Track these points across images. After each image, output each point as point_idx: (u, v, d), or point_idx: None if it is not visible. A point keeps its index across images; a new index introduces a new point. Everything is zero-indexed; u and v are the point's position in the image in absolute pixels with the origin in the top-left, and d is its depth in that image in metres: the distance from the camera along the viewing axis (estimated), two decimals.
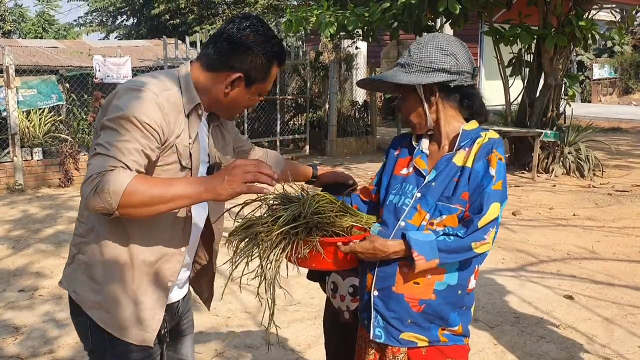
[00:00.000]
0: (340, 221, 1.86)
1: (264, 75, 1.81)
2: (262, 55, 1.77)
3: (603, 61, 23.01)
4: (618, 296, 4.29)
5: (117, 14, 16.23)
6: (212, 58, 1.79)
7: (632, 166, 9.42)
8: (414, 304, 1.83)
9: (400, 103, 1.96)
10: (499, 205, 1.78)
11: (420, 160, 1.93)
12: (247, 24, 1.78)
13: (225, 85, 1.78)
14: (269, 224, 1.81)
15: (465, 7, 8.06)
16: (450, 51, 1.86)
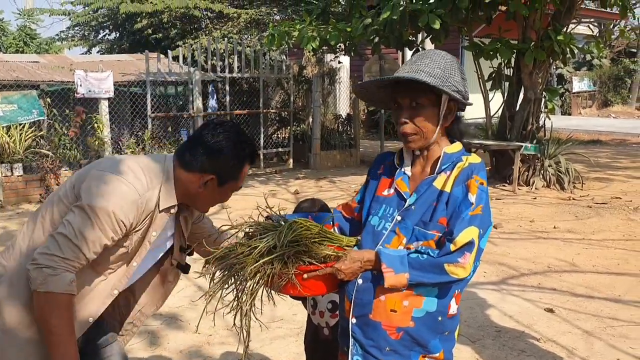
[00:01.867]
0: (317, 248, 1.83)
1: (235, 175, 1.99)
2: (234, 159, 1.95)
3: (582, 74, 23.38)
4: (598, 309, 4.34)
5: (100, 29, 16.16)
6: (188, 160, 1.96)
7: (612, 178, 9.56)
8: (392, 331, 1.80)
9: (413, 111, 1.82)
10: (477, 229, 1.73)
11: (402, 182, 1.90)
12: (220, 130, 1.96)
13: (199, 185, 1.95)
14: (244, 255, 1.80)
15: (446, 23, 8.16)
16: (465, 77, 1.85)
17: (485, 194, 1.78)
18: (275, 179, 10.17)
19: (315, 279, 1.80)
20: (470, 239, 1.71)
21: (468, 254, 1.70)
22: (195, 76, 9.75)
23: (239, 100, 11.00)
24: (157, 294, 2.21)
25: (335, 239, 1.92)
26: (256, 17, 13.59)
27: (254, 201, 7.44)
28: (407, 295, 1.78)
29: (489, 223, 1.78)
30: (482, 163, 1.84)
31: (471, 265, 1.72)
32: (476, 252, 1.73)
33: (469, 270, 1.72)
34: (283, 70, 11.40)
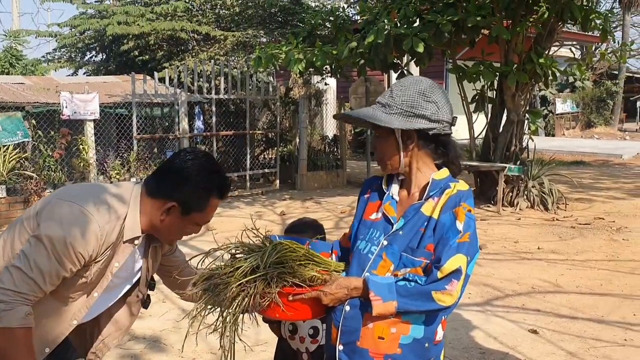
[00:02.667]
0: (302, 270, 1.82)
1: (201, 207, 1.90)
2: (200, 188, 1.88)
3: (565, 96, 23.74)
4: (581, 329, 4.36)
5: (86, 50, 16.18)
6: (152, 185, 1.90)
7: (594, 199, 9.67)
8: (379, 358, 1.80)
9: (375, 141, 1.95)
10: (464, 257, 1.74)
11: (390, 207, 1.91)
12: (190, 157, 1.91)
13: (161, 213, 1.88)
14: (227, 275, 1.80)
15: (430, 46, 8.28)
16: (432, 98, 1.85)
17: (472, 221, 1.80)
18: (262, 200, 10.17)
19: (301, 301, 1.80)
20: (458, 267, 1.72)
21: (455, 281, 1.72)
22: (182, 97, 9.78)
23: (226, 121, 11.02)
24: (121, 325, 2.15)
25: (323, 262, 1.92)
26: (243, 39, 13.69)
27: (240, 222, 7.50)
28: (394, 322, 1.78)
29: (476, 250, 1.80)
30: (469, 190, 1.87)
31: (458, 292, 1.73)
32: (464, 279, 1.74)
33: (455, 297, 1.73)
34: (270, 91, 11.47)
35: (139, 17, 13.97)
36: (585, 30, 8.99)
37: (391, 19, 8.47)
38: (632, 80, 29.12)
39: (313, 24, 10.01)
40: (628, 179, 11.97)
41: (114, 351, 3.97)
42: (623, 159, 15.68)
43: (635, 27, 32.57)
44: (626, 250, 6.56)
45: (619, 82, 24.76)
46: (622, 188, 10.79)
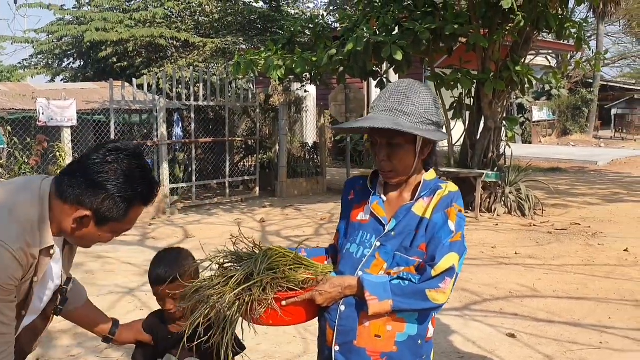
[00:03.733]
0: (294, 274, 1.83)
1: (119, 217, 1.65)
2: (118, 197, 1.61)
3: (542, 104, 24.10)
4: (558, 333, 4.41)
5: (64, 57, 15.99)
6: (64, 188, 1.62)
7: (570, 205, 9.80)
8: (376, 357, 1.81)
9: (389, 150, 1.85)
10: (457, 256, 1.78)
11: (378, 207, 1.91)
12: (111, 159, 1.62)
13: (72, 221, 1.63)
14: (220, 285, 1.80)
15: (408, 54, 8.35)
16: (439, 104, 1.90)
17: (463, 221, 1.84)
18: (241, 207, 10.13)
19: (295, 304, 1.80)
20: (451, 265, 1.76)
21: (448, 279, 1.75)
22: (160, 104, 9.72)
23: (205, 128, 10.98)
24: (38, 331, 1.95)
25: (310, 265, 1.92)
26: (222, 46, 13.67)
27: (219, 230, 7.50)
28: (390, 320, 1.80)
29: (465, 249, 1.83)
30: (459, 192, 1.90)
31: (450, 290, 1.76)
32: (455, 277, 1.78)
33: (448, 294, 1.76)
34: (249, 98, 11.46)
35: (117, 23, 13.87)
36: (560, 38, 9.15)
37: (370, 27, 8.53)
38: (606, 88, 29.68)
39: (292, 31, 10.04)
40: (603, 185, 12.16)
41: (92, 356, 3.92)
42: (598, 166, 15.94)
43: (609, 37, 33.27)
44: (601, 255, 6.66)
45: (594, 90, 25.22)
46: (597, 194, 10.97)
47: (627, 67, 37.34)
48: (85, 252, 6.92)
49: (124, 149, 1.66)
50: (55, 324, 4.51)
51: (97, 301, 5.08)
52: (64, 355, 4.03)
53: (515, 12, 8.26)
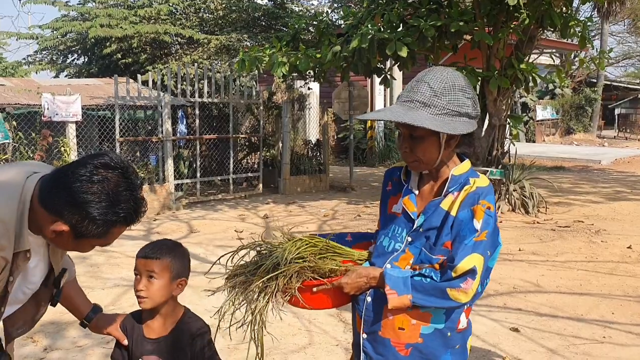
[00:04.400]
0: (321, 264, 1.89)
1: (100, 235, 1.60)
2: (99, 220, 1.55)
3: (545, 103, 24.09)
4: (561, 328, 4.43)
5: (68, 53, 16.05)
6: (46, 196, 1.56)
7: (574, 203, 9.81)
8: (401, 348, 1.83)
9: (411, 142, 1.82)
10: (480, 257, 1.72)
11: (409, 201, 1.89)
12: (97, 179, 1.54)
13: (50, 230, 1.57)
14: (250, 273, 1.90)
15: (413, 51, 8.36)
16: (470, 94, 1.81)
17: (492, 218, 1.77)
18: (245, 204, 10.16)
19: (324, 292, 1.88)
20: (472, 267, 1.71)
21: (470, 280, 1.71)
22: (165, 100, 9.75)
23: (209, 125, 11.01)
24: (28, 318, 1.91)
25: (346, 253, 1.98)
26: (226, 43, 13.70)
27: (224, 225, 7.52)
28: (414, 314, 1.81)
29: (496, 245, 1.80)
30: (489, 186, 1.83)
31: (474, 290, 1.73)
32: (480, 276, 1.73)
33: (470, 295, 1.73)
34: (253, 95, 11.48)
35: (122, 19, 13.91)
36: (564, 37, 9.15)
37: (375, 23, 8.54)
38: (610, 88, 29.64)
39: (297, 28, 10.05)
40: (606, 184, 12.16)
41: None
42: (602, 165, 15.93)
43: (614, 36, 33.22)
44: (605, 251, 6.67)
45: (598, 89, 25.18)
46: (601, 192, 10.97)
47: (631, 66, 37.30)
48: None
49: (113, 167, 1.58)
50: (63, 315, 4.55)
51: (102, 294, 5.14)
52: (71, 345, 4.06)
53: (519, 9, 8.27)
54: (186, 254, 2.07)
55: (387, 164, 16.25)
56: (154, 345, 1.99)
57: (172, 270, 1.96)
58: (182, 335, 1.98)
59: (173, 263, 1.97)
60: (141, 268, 1.95)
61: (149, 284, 1.93)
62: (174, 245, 2.04)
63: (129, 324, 2.07)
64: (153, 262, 1.94)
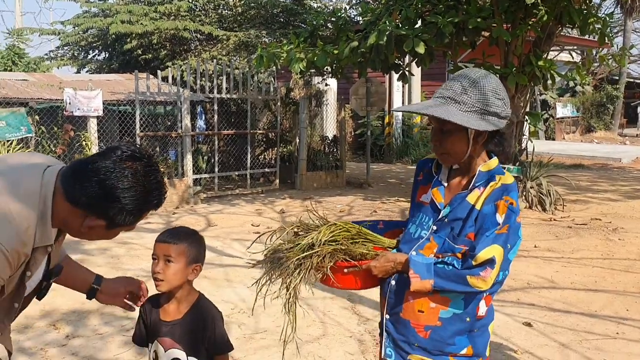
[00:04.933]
0: (353, 247, 2.04)
1: (131, 222, 1.67)
2: (134, 209, 1.61)
3: (566, 100, 23.85)
4: (574, 323, 4.45)
5: (89, 49, 16.28)
6: (76, 193, 1.58)
7: (591, 201, 9.75)
8: (420, 329, 1.95)
9: (441, 136, 1.94)
10: (500, 248, 1.83)
11: (438, 193, 2.01)
12: (128, 172, 1.58)
13: (81, 224, 1.62)
14: (288, 250, 2.05)
15: (431, 47, 8.38)
16: (501, 95, 1.91)
17: (514, 214, 1.88)
18: (261, 199, 10.26)
19: (354, 274, 2.03)
20: (491, 257, 1.82)
21: (489, 269, 1.83)
22: (184, 96, 9.87)
23: (227, 120, 11.13)
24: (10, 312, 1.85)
25: (376, 240, 2.12)
26: (245, 39, 13.79)
27: (241, 219, 7.62)
28: (433, 298, 1.92)
29: (516, 239, 1.91)
30: (514, 184, 1.94)
31: (492, 279, 1.84)
32: (499, 267, 1.85)
33: (489, 283, 1.85)
34: (271, 92, 11.57)
35: (142, 16, 14.08)
36: (583, 33, 9.08)
37: (392, 20, 8.56)
38: (632, 85, 29.25)
39: (315, 25, 10.11)
40: (625, 182, 12.05)
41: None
42: (622, 163, 15.77)
43: (637, 33, 32.70)
44: (621, 249, 6.65)
45: (620, 87, 24.86)
46: (619, 190, 10.88)
47: None
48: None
49: (139, 157, 1.62)
50: (84, 304, 4.67)
51: None
52: (92, 333, 4.17)
53: (538, 6, 8.24)
54: (202, 241, 2.14)
55: (404, 161, 16.26)
56: (168, 328, 2.06)
57: (188, 255, 2.03)
58: (196, 319, 2.06)
59: (189, 249, 2.04)
60: (159, 252, 2.03)
61: (166, 268, 2.01)
62: (191, 232, 2.12)
63: (147, 307, 2.15)
64: (170, 247, 2.02)
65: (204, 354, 2.07)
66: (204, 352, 2.07)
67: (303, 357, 3.76)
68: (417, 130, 17.10)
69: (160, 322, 2.09)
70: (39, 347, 3.84)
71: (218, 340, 2.07)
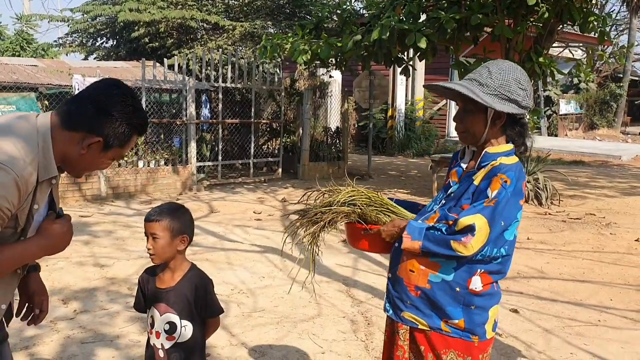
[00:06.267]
0: (371, 212, 2.28)
1: (123, 143, 1.83)
2: (126, 125, 1.80)
3: (569, 97, 23.92)
4: (559, 310, 4.64)
5: (97, 36, 16.45)
6: (73, 118, 1.76)
7: (588, 196, 9.92)
8: (411, 288, 2.15)
9: (463, 115, 2.13)
10: (483, 218, 1.97)
11: (455, 173, 2.23)
12: (116, 92, 1.80)
13: (82, 147, 1.77)
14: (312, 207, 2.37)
15: (433, 42, 8.52)
16: (525, 86, 2.07)
17: (505, 190, 2.01)
18: (264, 187, 10.46)
19: (365, 236, 2.27)
20: (471, 224, 1.97)
21: (470, 236, 1.97)
22: (189, 84, 10.06)
23: (232, 110, 11.31)
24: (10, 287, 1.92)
25: (400, 212, 2.34)
26: (251, 29, 13.94)
27: (243, 207, 7.88)
28: (423, 261, 2.12)
29: (512, 218, 2.03)
30: (514, 164, 2.07)
31: (474, 247, 1.98)
32: (483, 236, 1.98)
33: (470, 250, 1.99)
34: (275, 82, 11.74)
35: (150, 4, 14.23)
36: (583, 31, 9.20)
37: (396, 14, 8.71)
38: (637, 83, 29.26)
39: (320, 17, 10.26)
40: (623, 179, 12.21)
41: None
42: (622, 160, 15.90)
43: None
44: (612, 243, 6.83)
45: (624, 85, 24.90)
46: (616, 187, 11.04)
47: None
48: (115, 221, 7.31)
49: (123, 85, 1.84)
50: (91, 281, 4.89)
51: (127, 264, 5.49)
52: (99, 309, 4.38)
53: (539, 4, 8.37)
54: (186, 213, 2.33)
55: (406, 154, 16.41)
56: (162, 294, 2.29)
57: (172, 229, 2.24)
58: (188, 285, 2.27)
59: (172, 223, 2.25)
60: (147, 230, 2.26)
61: (155, 243, 2.23)
62: (174, 207, 2.32)
63: (145, 277, 2.38)
64: (154, 225, 2.24)
65: (196, 317, 2.28)
66: (196, 315, 2.28)
67: (297, 334, 3.97)
68: (420, 124, 17.26)
69: (156, 290, 2.31)
70: (49, 320, 4.06)
71: (209, 304, 2.29)
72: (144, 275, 2.38)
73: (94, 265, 5.50)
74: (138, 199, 8.97)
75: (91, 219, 7.38)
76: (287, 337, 3.92)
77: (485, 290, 2.11)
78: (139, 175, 9.31)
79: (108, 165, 1.90)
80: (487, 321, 2.14)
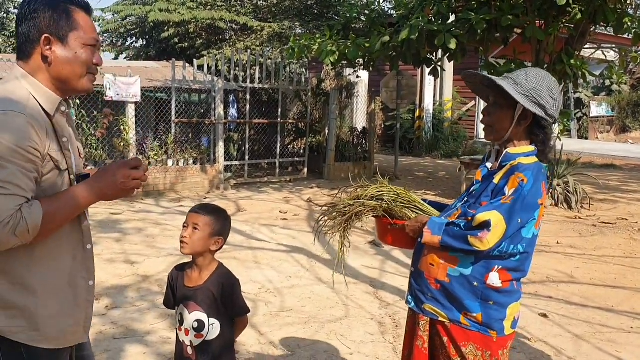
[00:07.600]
0: (397, 208, 2.35)
1: (68, 25, 1.76)
2: (54, 10, 1.74)
3: (601, 99, 23.50)
4: (590, 316, 4.57)
5: (128, 36, 16.73)
6: (21, 48, 1.77)
7: (620, 200, 9.74)
8: (432, 281, 2.21)
9: (491, 109, 2.20)
10: (499, 215, 2.02)
11: (479, 172, 2.29)
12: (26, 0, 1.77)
13: (44, 55, 1.74)
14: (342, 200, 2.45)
15: (462, 43, 8.46)
16: (555, 96, 2.15)
17: (522, 189, 2.05)
18: (289, 187, 10.50)
19: (390, 230, 2.36)
20: (486, 220, 2.02)
21: (486, 231, 2.02)
22: (218, 85, 10.15)
23: (259, 110, 11.38)
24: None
25: (427, 210, 2.39)
26: (279, 30, 14.02)
27: (269, 206, 7.94)
28: (443, 256, 2.17)
29: (527, 216, 2.06)
30: (532, 164, 2.11)
31: (490, 242, 2.03)
32: (500, 232, 2.02)
33: (487, 245, 2.03)
34: (302, 82, 11.77)
35: (180, 5, 14.41)
36: (616, 33, 9.03)
37: (425, 15, 8.67)
38: None
39: (348, 17, 10.26)
40: None
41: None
42: None
43: None
44: None
45: None
46: None
47: None
48: (145, 218, 7.41)
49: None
50: (122, 279, 4.97)
51: (157, 262, 5.56)
52: (129, 306, 4.46)
53: (571, 5, 8.24)
54: (228, 219, 2.41)
55: (433, 155, 16.32)
56: (191, 292, 2.33)
57: (213, 227, 2.31)
58: (216, 285, 2.32)
59: (214, 222, 2.32)
60: (189, 220, 2.32)
61: (192, 234, 2.29)
62: (219, 209, 2.41)
63: (174, 274, 2.43)
64: (199, 216, 2.31)
65: (224, 316, 2.32)
66: (224, 314, 2.32)
67: (325, 334, 3.98)
68: (448, 125, 17.13)
69: (184, 288, 2.36)
70: None
71: (235, 303, 2.33)
72: (174, 272, 2.44)
73: (125, 262, 5.59)
74: (167, 197, 9.09)
75: (122, 216, 7.50)
76: (315, 337, 3.94)
77: (504, 287, 2.15)
78: (168, 174, 9.43)
79: (90, 53, 1.80)
80: (505, 318, 2.16)
